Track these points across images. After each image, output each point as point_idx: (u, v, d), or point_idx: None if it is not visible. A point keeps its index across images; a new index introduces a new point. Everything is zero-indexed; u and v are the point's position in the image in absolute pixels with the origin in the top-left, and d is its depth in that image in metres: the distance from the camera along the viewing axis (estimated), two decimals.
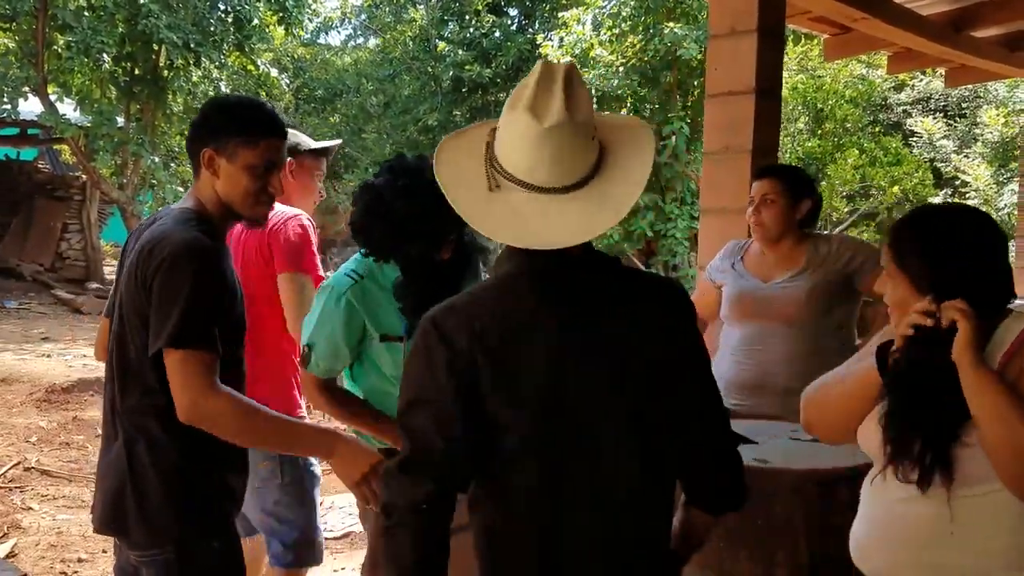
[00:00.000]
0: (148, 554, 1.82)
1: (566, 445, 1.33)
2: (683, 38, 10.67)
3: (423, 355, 1.33)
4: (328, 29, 19.89)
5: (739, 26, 3.09)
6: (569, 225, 1.28)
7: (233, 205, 1.89)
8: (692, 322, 1.45)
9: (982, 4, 4.39)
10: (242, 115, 1.88)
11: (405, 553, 1.33)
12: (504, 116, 1.30)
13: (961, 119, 12.40)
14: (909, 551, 1.60)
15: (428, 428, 1.31)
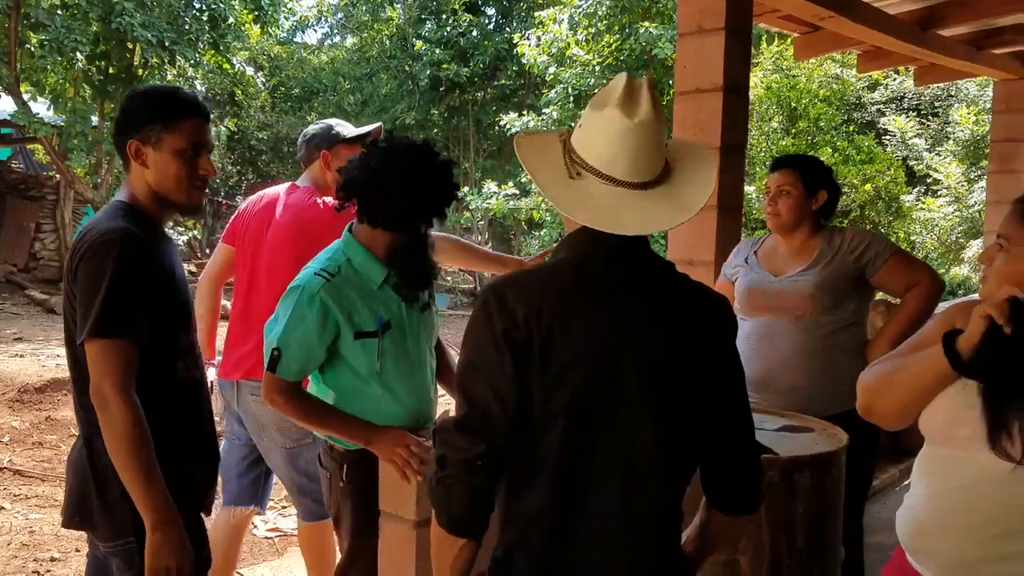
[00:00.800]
0: (114, 545, 1.84)
1: (597, 430, 1.39)
2: (658, 37, 10.76)
3: (483, 322, 1.40)
4: (304, 28, 19.85)
5: (706, 24, 3.13)
6: (642, 215, 1.39)
7: (168, 194, 1.90)
8: (732, 333, 1.53)
9: (948, 3, 4.45)
10: (160, 101, 1.88)
11: (457, 504, 1.41)
12: (588, 115, 1.43)
13: (934, 118, 12.55)
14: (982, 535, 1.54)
15: (485, 392, 1.39)
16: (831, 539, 2.29)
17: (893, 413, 1.70)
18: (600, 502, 1.40)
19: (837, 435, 2.39)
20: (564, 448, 1.38)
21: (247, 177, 21.13)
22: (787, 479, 2.16)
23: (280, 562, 4.12)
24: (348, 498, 2.32)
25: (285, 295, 2.23)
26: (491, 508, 1.44)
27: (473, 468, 1.39)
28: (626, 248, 1.43)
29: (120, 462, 1.74)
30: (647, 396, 1.40)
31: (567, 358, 1.37)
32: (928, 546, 1.64)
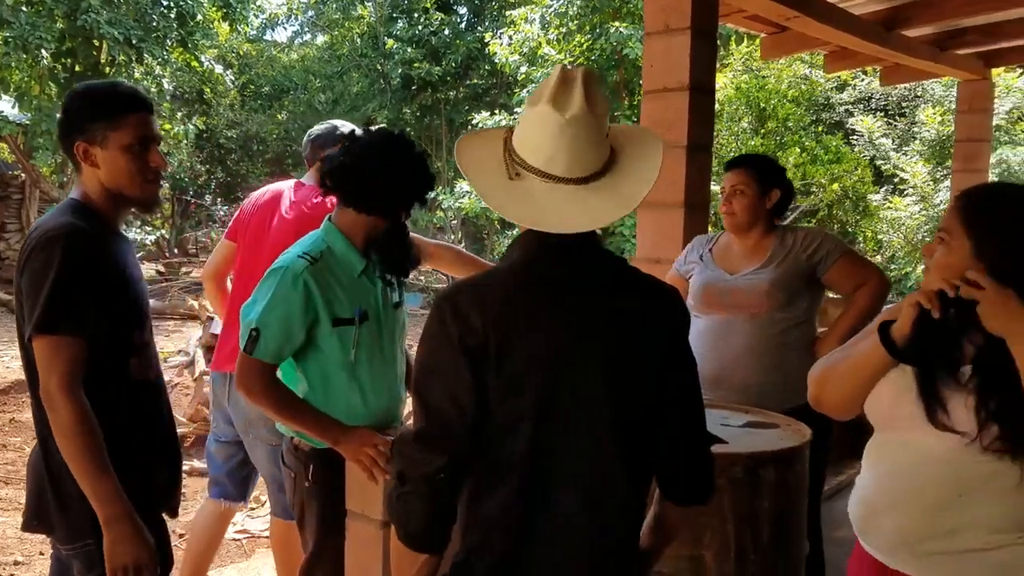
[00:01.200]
0: (73, 547, 1.83)
1: (557, 428, 1.38)
2: (628, 37, 10.79)
3: (437, 329, 1.38)
4: (274, 25, 19.71)
5: (673, 24, 3.15)
6: (583, 212, 1.37)
7: (122, 191, 1.88)
8: (687, 328, 1.54)
9: (913, 4, 4.51)
10: (101, 99, 1.87)
11: (417, 519, 1.39)
12: (525, 112, 1.40)
13: (901, 118, 12.70)
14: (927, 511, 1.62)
15: (442, 401, 1.37)
16: (795, 534, 2.31)
17: (840, 401, 1.80)
18: (563, 501, 1.39)
19: (801, 431, 2.42)
20: (529, 450, 1.37)
21: (216, 176, 20.96)
22: (751, 475, 2.18)
23: (248, 564, 4.09)
24: (314, 498, 2.31)
25: (266, 276, 2.22)
26: (453, 521, 1.43)
27: (434, 482, 1.37)
28: (574, 246, 1.41)
29: (70, 459, 1.72)
30: (605, 393, 1.39)
31: (525, 360, 1.36)
32: (877, 525, 1.71)
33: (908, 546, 1.66)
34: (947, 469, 1.60)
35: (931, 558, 1.63)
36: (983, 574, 1.60)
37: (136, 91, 1.91)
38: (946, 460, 1.60)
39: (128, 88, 1.91)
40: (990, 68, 5.71)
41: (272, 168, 20.51)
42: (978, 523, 1.59)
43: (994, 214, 1.62)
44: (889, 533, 1.69)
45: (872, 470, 1.77)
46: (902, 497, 1.67)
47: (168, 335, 11.54)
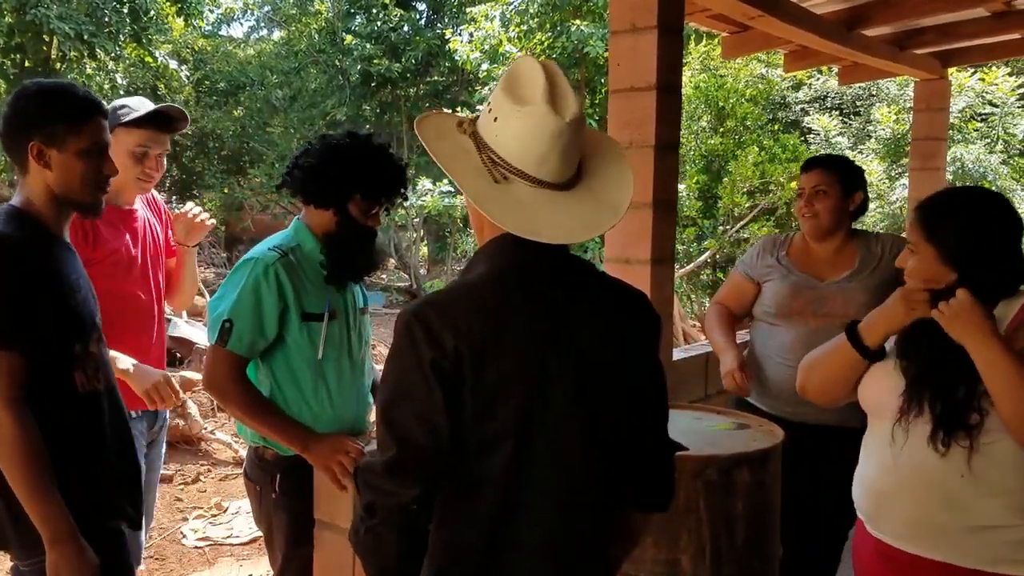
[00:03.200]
0: (31, 562, 1.78)
1: (536, 444, 1.32)
2: (589, 36, 10.81)
3: (408, 351, 1.30)
4: (230, 21, 19.38)
5: (639, 22, 3.13)
6: (576, 221, 1.32)
7: (71, 195, 1.83)
8: (659, 336, 1.52)
9: (873, 3, 4.55)
10: (62, 100, 1.81)
11: (388, 552, 1.34)
12: (508, 108, 1.31)
13: (856, 117, 12.88)
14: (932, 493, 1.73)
15: (414, 427, 1.30)
16: (771, 535, 2.31)
17: (821, 391, 2.02)
18: (538, 517, 1.35)
19: (774, 431, 2.42)
20: (509, 467, 1.31)
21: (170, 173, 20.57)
22: (726, 476, 2.17)
23: (211, 572, 4.01)
24: (282, 509, 2.26)
25: (235, 269, 2.21)
26: (424, 551, 1.37)
27: (407, 514, 1.31)
28: (550, 253, 1.35)
29: (10, 477, 1.68)
30: (580, 406, 1.35)
31: (503, 376, 1.30)
32: (888, 512, 1.81)
33: (922, 529, 1.75)
34: (957, 456, 1.69)
35: (946, 539, 1.71)
36: (1000, 551, 1.67)
37: (95, 96, 1.87)
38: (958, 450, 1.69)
39: (84, 91, 1.86)
40: (947, 67, 5.79)
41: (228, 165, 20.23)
42: (988, 501, 1.67)
43: (948, 223, 1.76)
44: (901, 518, 1.78)
45: (874, 458, 1.86)
46: (909, 482, 1.76)
47: None
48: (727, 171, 10.38)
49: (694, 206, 10.33)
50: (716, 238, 10.40)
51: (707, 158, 10.80)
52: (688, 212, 10.30)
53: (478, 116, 1.39)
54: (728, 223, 10.56)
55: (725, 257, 10.75)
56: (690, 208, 10.27)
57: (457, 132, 1.37)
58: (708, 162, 10.77)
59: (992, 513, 1.68)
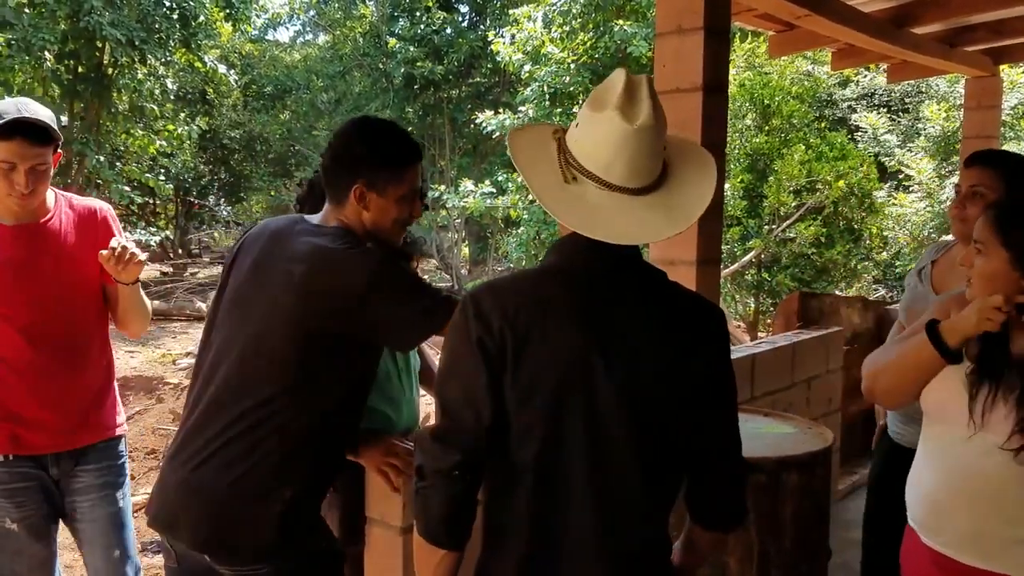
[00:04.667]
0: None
1: (568, 439, 1.36)
2: (632, 36, 10.78)
3: (460, 328, 1.38)
4: (276, 25, 19.68)
5: (685, 24, 3.12)
6: (639, 224, 1.35)
7: (379, 234, 1.91)
8: (724, 348, 1.50)
9: (922, 1, 4.50)
10: (392, 146, 1.90)
11: (434, 512, 1.39)
12: (587, 115, 1.37)
13: (904, 114, 12.68)
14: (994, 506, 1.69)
15: (459, 401, 1.37)
16: (819, 538, 2.30)
17: (890, 394, 1.94)
18: (577, 512, 1.37)
19: (823, 434, 2.40)
20: (539, 458, 1.35)
21: (219, 176, 20.96)
22: (774, 479, 2.17)
23: None
24: (335, 507, 2.30)
25: None
26: (471, 518, 1.42)
27: (449, 478, 1.36)
28: (619, 257, 1.39)
29: None
30: (624, 407, 1.36)
31: (540, 366, 1.34)
32: (948, 523, 1.76)
33: (983, 541, 1.71)
34: (1011, 462, 1.65)
35: (1008, 550, 1.68)
36: None
37: (412, 138, 1.96)
38: (1007, 453, 1.65)
39: (407, 134, 1.95)
40: (998, 65, 5.68)
41: (275, 168, 20.52)
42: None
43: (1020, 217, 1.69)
44: (962, 530, 1.74)
45: (934, 465, 1.81)
46: (973, 494, 1.71)
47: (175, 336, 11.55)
48: (772, 170, 10.26)
49: (739, 205, 10.23)
50: (761, 238, 10.29)
51: (752, 157, 10.69)
52: (733, 212, 10.21)
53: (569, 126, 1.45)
54: (774, 222, 10.44)
55: (770, 257, 10.64)
56: (735, 208, 10.18)
57: (551, 139, 1.43)
58: (753, 161, 10.66)
59: None
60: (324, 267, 1.78)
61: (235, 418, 1.77)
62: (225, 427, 1.78)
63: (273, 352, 1.79)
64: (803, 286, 9.85)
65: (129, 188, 14.29)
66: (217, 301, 1.95)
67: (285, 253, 1.84)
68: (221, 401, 1.80)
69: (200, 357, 1.93)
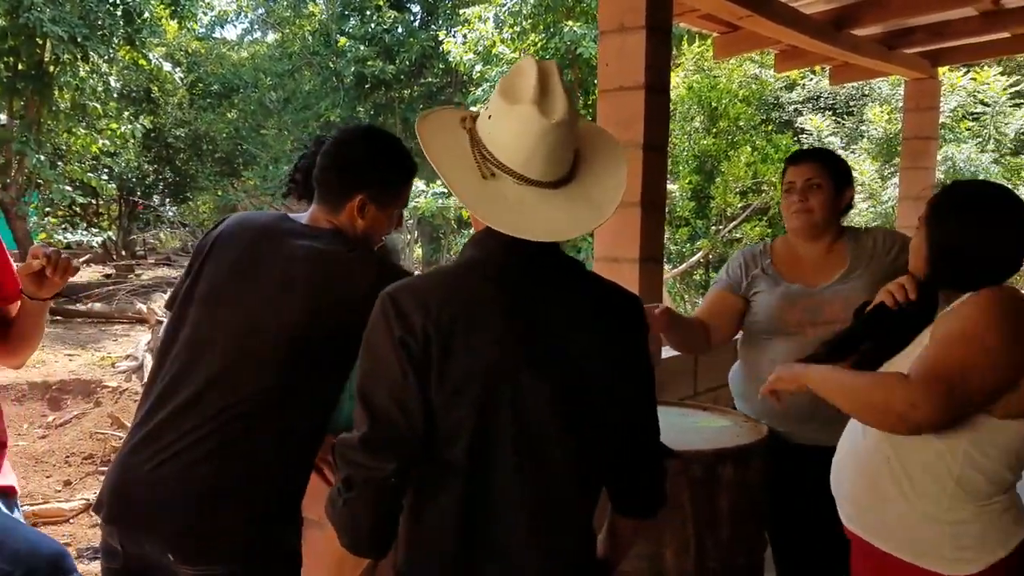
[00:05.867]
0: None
1: (498, 439, 1.33)
2: (582, 37, 10.84)
3: (380, 330, 1.33)
4: (223, 23, 19.39)
5: (628, 22, 3.14)
6: (566, 219, 1.33)
7: (367, 241, 1.92)
8: (645, 338, 1.50)
9: (861, 3, 4.57)
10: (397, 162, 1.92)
11: (364, 524, 1.34)
12: (501, 107, 1.34)
13: (848, 117, 12.92)
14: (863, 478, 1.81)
15: (387, 404, 1.31)
16: (755, 530, 2.33)
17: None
18: (506, 513, 1.35)
19: (758, 428, 2.43)
20: (469, 459, 1.32)
21: (164, 176, 20.61)
22: (710, 472, 2.18)
23: None
24: None
25: None
26: (397, 525, 1.38)
27: (383, 488, 1.32)
28: (537, 249, 1.35)
29: None
30: (552, 403, 1.34)
31: (466, 366, 1.30)
32: (839, 491, 1.88)
33: (857, 508, 1.82)
34: (879, 436, 1.75)
35: (871, 521, 1.78)
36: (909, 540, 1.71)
37: (411, 155, 1.96)
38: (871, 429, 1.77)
39: (409, 152, 1.94)
40: (937, 67, 5.82)
41: (222, 167, 20.22)
42: (904, 491, 1.70)
43: (941, 209, 1.77)
44: (846, 498, 1.86)
45: (846, 442, 1.92)
46: (851, 466, 1.83)
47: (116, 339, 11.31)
48: (720, 171, 10.41)
49: (687, 206, 10.36)
50: (709, 238, 10.43)
51: (700, 158, 10.83)
52: (681, 212, 10.34)
53: (479, 114, 1.41)
54: (721, 223, 10.59)
55: (718, 257, 10.78)
56: (683, 208, 10.30)
57: (459, 127, 1.40)
58: (701, 162, 10.80)
59: (902, 501, 1.71)
60: (331, 270, 1.76)
61: (218, 415, 1.72)
62: (208, 423, 1.72)
63: (265, 352, 1.74)
64: None
65: (71, 188, 13.99)
66: (187, 295, 1.88)
67: (280, 253, 1.80)
68: (202, 397, 1.74)
69: (164, 351, 1.85)
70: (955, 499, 1.66)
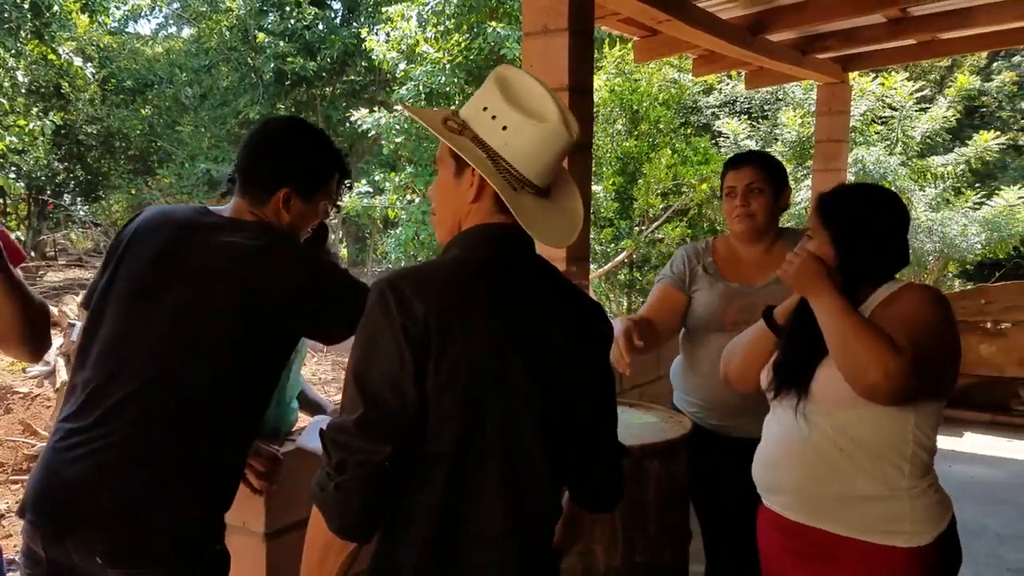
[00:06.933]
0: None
1: (484, 428, 1.36)
2: (506, 38, 10.87)
3: (380, 316, 1.34)
4: (137, 17, 18.81)
5: (551, 24, 3.18)
6: (560, 225, 1.44)
7: (292, 233, 1.89)
8: (610, 337, 1.59)
9: (775, 9, 4.72)
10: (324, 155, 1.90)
11: (355, 508, 1.34)
12: (520, 121, 1.38)
13: (763, 120, 13.26)
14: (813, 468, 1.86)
15: (383, 388, 1.33)
16: (681, 523, 2.38)
17: (740, 375, 2.11)
18: (490, 501, 1.39)
19: (682, 422, 2.48)
20: (457, 447, 1.35)
21: (75, 174, 19.87)
22: (637, 467, 2.22)
23: None
24: None
25: None
26: (385, 510, 1.39)
27: (377, 472, 1.32)
28: (519, 249, 1.44)
29: None
30: (533, 396, 1.40)
31: (460, 355, 1.34)
32: (778, 484, 1.94)
33: (805, 498, 1.88)
34: (825, 427, 1.83)
35: (825, 509, 1.84)
36: (868, 522, 1.80)
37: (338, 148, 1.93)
38: (823, 418, 1.84)
39: (336, 146, 1.92)
40: (847, 72, 6.04)
41: (135, 165, 19.62)
42: (860, 475, 1.80)
43: (841, 210, 1.93)
44: (789, 490, 1.91)
45: (770, 433, 1.99)
46: (796, 457, 1.89)
47: None
48: (642, 173, 10.57)
49: (611, 207, 10.48)
50: (632, 238, 10.58)
51: (623, 160, 10.98)
52: (605, 213, 10.46)
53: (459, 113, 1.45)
54: (643, 224, 10.76)
55: (641, 257, 10.95)
56: (607, 209, 10.43)
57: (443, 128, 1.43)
58: (624, 164, 10.95)
59: (862, 484, 1.81)
60: (259, 266, 1.73)
61: (144, 416, 1.67)
62: (134, 424, 1.67)
63: (194, 352, 1.70)
64: None
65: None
66: (105, 292, 1.81)
67: (206, 248, 1.76)
68: (130, 398, 1.68)
69: (84, 349, 1.78)
70: (912, 476, 1.80)
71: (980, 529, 4.27)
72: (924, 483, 1.82)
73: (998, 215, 9.86)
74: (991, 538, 4.20)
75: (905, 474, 1.79)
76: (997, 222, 9.78)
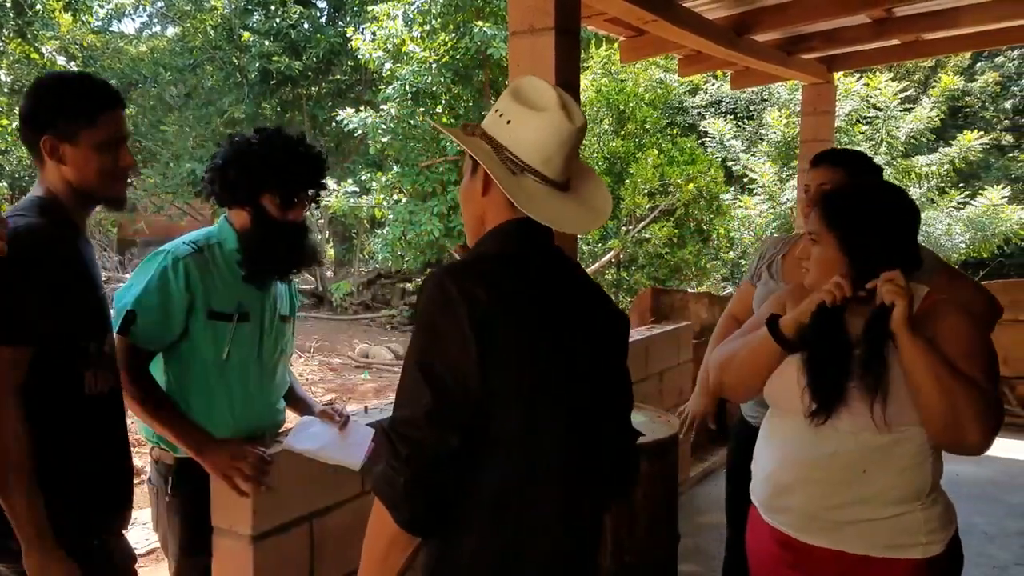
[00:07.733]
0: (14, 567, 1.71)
1: (543, 414, 1.39)
2: (492, 38, 10.87)
3: (443, 306, 1.34)
4: (121, 16, 18.63)
5: (537, 24, 3.17)
6: (575, 215, 1.47)
7: (90, 190, 1.77)
8: (628, 334, 1.64)
9: (761, 10, 4.73)
10: (75, 93, 1.75)
11: (425, 501, 1.34)
12: (522, 112, 1.44)
13: (749, 121, 13.33)
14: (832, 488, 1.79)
15: (448, 378, 1.33)
16: (670, 523, 2.38)
17: (739, 387, 1.98)
18: (547, 488, 1.40)
19: (671, 423, 2.48)
20: (519, 432, 1.37)
21: None
22: None
23: None
24: (175, 513, 2.19)
25: (146, 260, 2.15)
26: (450, 502, 1.38)
27: (447, 463, 1.32)
28: (544, 245, 1.49)
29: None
30: (575, 382, 1.43)
31: (515, 343, 1.36)
32: (786, 503, 1.86)
33: (819, 520, 1.81)
34: (851, 447, 1.76)
35: (841, 529, 1.79)
36: (886, 538, 1.76)
37: (111, 87, 1.80)
38: (849, 439, 1.76)
39: (101, 82, 1.79)
40: (832, 72, 6.06)
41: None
42: (883, 495, 1.75)
43: (848, 211, 1.81)
44: (799, 509, 1.84)
45: (776, 451, 1.90)
46: (811, 476, 1.81)
47: None
48: (628, 173, 10.59)
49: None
50: (619, 238, 10.60)
51: (609, 160, 11.00)
52: None
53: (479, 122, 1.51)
54: (630, 224, 10.78)
55: (628, 257, 10.97)
56: None
57: (462, 132, 1.48)
58: (611, 164, 10.97)
59: (883, 505, 1.77)
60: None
61: None
62: None
63: None
64: (659, 284, 10.20)
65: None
66: None
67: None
68: None
69: None
70: (928, 489, 1.78)
71: (968, 527, 4.29)
72: (935, 492, 1.81)
73: (982, 214, 9.94)
74: (979, 536, 4.23)
75: (924, 489, 1.77)
76: (981, 221, 9.87)
